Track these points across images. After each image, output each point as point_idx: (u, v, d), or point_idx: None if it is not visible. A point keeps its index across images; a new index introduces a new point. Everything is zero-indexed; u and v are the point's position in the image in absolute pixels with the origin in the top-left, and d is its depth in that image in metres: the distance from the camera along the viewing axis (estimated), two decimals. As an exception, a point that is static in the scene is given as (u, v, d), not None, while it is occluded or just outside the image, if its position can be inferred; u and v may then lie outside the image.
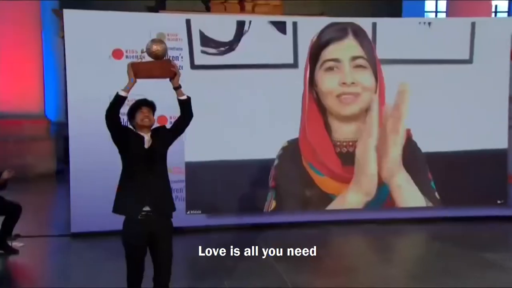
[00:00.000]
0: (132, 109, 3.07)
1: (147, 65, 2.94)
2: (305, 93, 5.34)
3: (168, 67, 2.96)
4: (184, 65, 5.02)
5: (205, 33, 5.04)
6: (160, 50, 2.95)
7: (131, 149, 2.99)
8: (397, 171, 5.50)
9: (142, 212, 2.95)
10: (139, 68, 2.94)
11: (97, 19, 4.96)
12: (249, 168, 5.29)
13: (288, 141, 5.38)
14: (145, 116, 3.02)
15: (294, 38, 5.26)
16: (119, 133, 2.99)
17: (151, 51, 2.94)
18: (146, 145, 2.99)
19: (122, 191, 3.05)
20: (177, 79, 3.02)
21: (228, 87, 5.14)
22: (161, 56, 2.94)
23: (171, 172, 5.01)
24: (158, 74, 2.97)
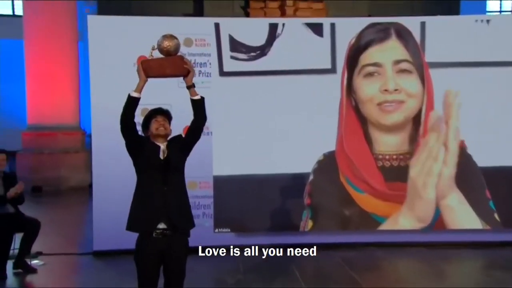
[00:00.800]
0: (147, 118, 2.98)
1: (159, 62, 2.81)
2: (343, 101, 5.08)
3: (180, 64, 2.83)
4: (213, 72, 4.91)
5: (235, 37, 4.90)
6: (172, 46, 2.83)
7: (146, 159, 2.90)
8: (449, 192, 5.07)
9: (157, 230, 2.85)
10: (149, 66, 2.82)
11: (122, 24, 4.94)
12: (282, 183, 5.06)
13: (324, 154, 5.12)
14: (160, 125, 2.92)
15: (332, 41, 5.03)
16: (133, 140, 2.90)
17: (162, 47, 2.83)
18: (162, 155, 2.90)
19: (136, 206, 2.96)
20: (190, 77, 2.89)
21: (259, 95, 4.95)
22: (173, 52, 2.82)
23: (197, 187, 5.04)
24: (170, 71, 2.84)
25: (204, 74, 4.90)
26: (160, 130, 2.93)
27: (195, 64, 4.85)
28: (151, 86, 3.01)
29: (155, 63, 2.82)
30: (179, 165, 2.97)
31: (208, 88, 4.84)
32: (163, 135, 2.95)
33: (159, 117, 2.95)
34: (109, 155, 4.82)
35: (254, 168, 4.99)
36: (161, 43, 2.83)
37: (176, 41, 2.85)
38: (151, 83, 2.86)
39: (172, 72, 2.86)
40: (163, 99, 4.14)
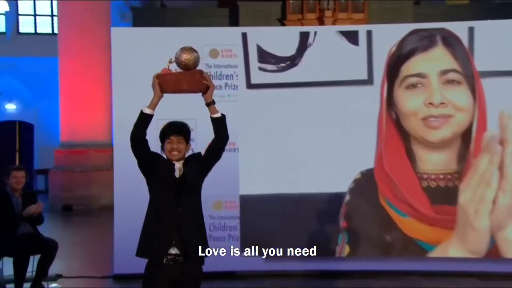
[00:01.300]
0: (161, 135, 2.85)
1: (176, 76, 2.70)
2: (382, 115, 4.78)
3: (199, 79, 2.69)
4: (239, 85, 4.75)
5: (263, 47, 4.73)
6: (191, 60, 2.71)
7: (159, 177, 2.77)
8: (507, 223, 4.59)
9: (168, 256, 2.71)
10: (166, 81, 2.70)
11: (146, 36, 4.89)
12: (316, 204, 4.79)
13: (362, 172, 4.82)
14: (173, 149, 2.78)
15: (368, 50, 4.77)
16: (145, 158, 2.78)
17: (180, 60, 2.71)
18: (177, 174, 2.75)
19: (147, 230, 2.83)
20: (210, 94, 2.74)
21: (289, 109, 4.73)
22: (192, 66, 2.70)
23: (222, 207, 4.85)
24: (187, 87, 2.71)
25: (230, 87, 4.75)
26: (173, 154, 2.80)
27: (221, 76, 4.71)
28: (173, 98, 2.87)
29: (172, 77, 2.71)
30: (195, 185, 2.83)
31: (235, 101, 4.70)
32: (176, 160, 2.80)
33: (174, 137, 2.81)
34: (132, 173, 4.66)
35: (284, 186, 4.75)
36: (179, 56, 2.72)
37: (195, 54, 2.73)
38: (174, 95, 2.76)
39: (190, 88, 2.73)
40: (186, 112, 4.01)
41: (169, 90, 2.72)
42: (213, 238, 4.79)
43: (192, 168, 2.83)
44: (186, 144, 2.83)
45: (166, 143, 2.79)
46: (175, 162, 2.79)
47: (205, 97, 2.75)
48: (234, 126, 4.68)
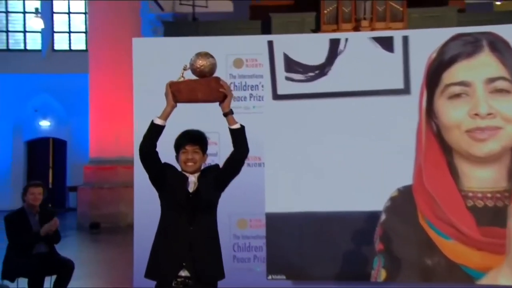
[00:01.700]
0: (176, 145, 2.71)
1: (190, 84, 2.59)
2: (421, 127, 4.49)
3: (216, 87, 2.58)
4: (265, 96, 4.57)
5: (290, 56, 4.55)
6: (206, 66, 2.58)
7: (170, 192, 2.64)
8: None
9: (178, 278, 2.56)
10: (179, 89, 2.59)
11: (168, 46, 4.81)
12: (348, 223, 4.53)
13: (399, 189, 4.52)
14: (189, 159, 2.65)
15: (404, 57, 4.51)
16: (156, 172, 2.66)
17: (195, 67, 2.60)
18: (191, 189, 2.62)
19: (156, 249, 2.69)
20: (227, 103, 2.61)
21: (319, 121, 4.52)
22: (208, 73, 2.59)
23: (247, 226, 4.65)
24: (203, 96, 2.60)
25: (255, 98, 4.58)
26: (188, 165, 2.67)
27: (246, 87, 4.56)
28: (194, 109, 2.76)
29: (186, 85, 2.60)
30: (210, 201, 2.69)
31: (260, 113, 4.54)
32: (191, 171, 2.66)
33: (189, 147, 2.67)
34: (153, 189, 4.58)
35: (314, 204, 4.51)
36: (194, 62, 2.61)
37: (211, 60, 2.60)
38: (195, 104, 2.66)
39: (205, 97, 2.62)
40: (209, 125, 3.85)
41: (183, 99, 2.60)
42: (237, 259, 4.61)
43: (208, 182, 2.68)
44: (202, 154, 2.69)
45: (180, 153, 2.67)
46: (189, 175, 2.65)
47: (222, 106, 2.63)
48: (260, 139, 4.53)
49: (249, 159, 4.56)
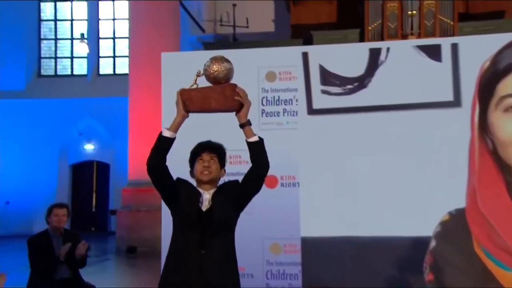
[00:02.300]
0: (192, 155, 2.49)
1: (203, 92, 2.38)
2: (473, 143, 4.08)
3: (231, 95, 2.35)
4: (300, 110, 4.31)
5: (326, 67, 4.28)
6: (221, 71, 2.36)
7: (182, 210, 2.40)
8: None
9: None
10: (191, 97, 2.38)
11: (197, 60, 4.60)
12: (393, 250, 4.14)
13: (450, 213, 4.10)
14: (205, 168, 2.42)
15: (454, 66, 4.14)
16: (167, 188, 2.44)
17: (209, 72, 2.38)
18: (204, 206, 2.38)
19: (165, 275, 2.45)
20: (244, 113, 2.38)
21: (358, 137, 4.20)
22: (223, 79, 2.37)
23: (282, 251, 4.33)
24: (217, 104, 2.37)
25: (289, 113, 4.32)
26: (204, 174, 2.44)
27: (279, 101, 4.32)
28: (226, 124, 2.56)
29: (198, 93, 2.39)
30: (225, 221, 2.42)
31: (294, 129, 4.28)
32: (207, 181, 2.42)
33: (206, 155, 2.45)
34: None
35: (354, 228, 4.16)
36: (208, 67, 2.40)
37: (227, 65, 2.38)
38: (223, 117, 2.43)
39: (219, 106, 2.39)
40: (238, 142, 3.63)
41: (195, 109, 2.39)
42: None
43: (224, 200, 2.43)
44: (219, 166, 2.44)
45: (196, 163, 2.44)
46: (203, 191, 2.40)
47: (239, 116, 2.39)
48: (294, 157, 4.26)
49: (282, 178, 4.34)
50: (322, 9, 11.33)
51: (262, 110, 4.33)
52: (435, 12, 10.02)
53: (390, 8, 10.13)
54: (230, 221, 2.44)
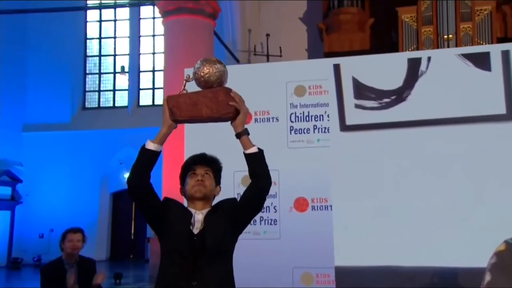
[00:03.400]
0: (183, 169, 2.03)
1: (192, 98, 1.95)
2: (531, 161, 3.45)
3: (225, 99, 1.92)
4: (332, 127, 3.79)
5: (360, 80, 3.77)
6: (213, 74, 1.94)
7: (170, 233, 1.94)
8: None
9: None
10: (179, 104, 1.95)
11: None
12: (439, 283, 3.50)
13: (507, 242, 3.39)
14: (198, 182, 1.97)
15: (505, 76, 3.56)
16: (151, 210, 1.99)
17: (199, 75, 1.95)
18: (196, 229, 1.94)
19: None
20: (240, 121, 1.95)
21: (397, 155, 3.64)
22: (215, 83, 1.94)
23: (314, 282, 3.75)
24: (209, 111, 1.94)
25: (320, 130, 3.81)
26: (195, 190, 1.99)
27: (309, 117, 3.82)
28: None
29: (187, 99, 1.96)
30: (220, 246, 1.94)
31: (326, 147, 3.76)
32: (200, 198, 1.94)
33: (199, 168, 2.01)
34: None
35: (393, 257, 3.55)
36: (198, 70, 1.98)
37: (220, 67, 1.96)
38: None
39: (212, 113, 1.95)
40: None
41: (184, 117, 1.96)
42: (302, 324, 3.71)
43: (218, 221, 1.96)
44: (214, 181, 1.97)
45: (188, 178, 1.97)
46: (195, 211, 1.92)
47: (234, 125, 1.93)
48: (326, 177, 3.71)
49: (314, 201, 3.80)
50: (355, 37, 10.89)
51: (291, 127, 3.84)
52: (472, 35, 9.41)
53: (425, 33, 9.61)
54: (225, 246, 1.95)
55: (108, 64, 16.09)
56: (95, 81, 16.15)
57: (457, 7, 10.38)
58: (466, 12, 10.45)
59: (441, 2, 10.30)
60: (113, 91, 15.92)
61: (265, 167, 1.96)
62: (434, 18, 10.26)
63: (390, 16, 10.70)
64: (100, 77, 16.07)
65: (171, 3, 9.34)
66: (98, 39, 16.10)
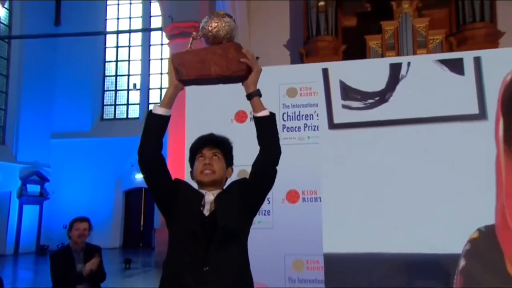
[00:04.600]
0: (191, 152, 1.55)
1: (200, 55, 1.45)
2: (499, 157, 3.06)
3: (236, 55, 1.43)
4: (321, 125, 3.36)
5: (347, 83, 3.36)
6: (223, 28, 1.46)
7: (180, 215, 1.46)
8: None
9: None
10: (184, 62, 1.45)
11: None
12: (421, 268, 3.08)
13: (479, 230, 3.03)
14: (206, 166, 1.51)
15: (477, 79, 3.18)
16: (162, 186, 1.49)
17: (207, 30, 1.46)
18: (207, 210, 1.48)
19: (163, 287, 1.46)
20: (253, 79, 1.47)
21: (380, 151, 3.22)
22: (225, 38, 1.45)
23: (304, 268, 3.30)
24: (218, 69, 1.45)
25: (310, 128, 3.39)
26: (204, 174, 1.52)
27: (300, 116, 3.39)
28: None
29: (194, 57, 1.47)
30: (233, 228, 1.48)
31: (316, 143, 3.32)
32: (209, 183, 1.45)
33: (207, 150, 1.55)
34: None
35: (378, 245, 3.12)
36: (206, 25, 1.47)
37: (228, 20, 1.47)
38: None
39: (221, 71, 1.46)
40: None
41: (191, 76, 1.46)
42: (293, 307, 3.25)
43: (229, 202, 1.50)
44: (225, 163, 1.50)
45: (196, 161, 1.50)
46: (206, 192, 1.46)
47: (246, 84, 1.46)
48: (316, 171, 3.27)
49: (304, 193, 3.34)
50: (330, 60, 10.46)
51: (283, 125, 3.42)
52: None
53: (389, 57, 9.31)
54: (239, 228, 1.49)
55: (123, 82, 15.71)
56: (111, 96, 15.75)
57: (414, 36, 10.16)
58: (422, 41, 10.23)
59: (402, 32, 10.07)
60: (126, 105, 15.55)
61: (276, 134, 1.52)
62: (396, 44, 10.02)
63: (360, 43, 10.44)
64: (116, 93, 15.68)
65: (176, 29, 8.98)
66: (115, 62, 15.75)
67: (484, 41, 9.90)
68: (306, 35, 11.24)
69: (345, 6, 11.30)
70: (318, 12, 10.78)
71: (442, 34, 10.44)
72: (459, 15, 10.53)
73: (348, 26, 11.29)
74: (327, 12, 10.71)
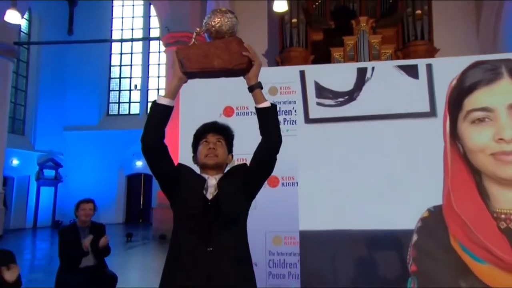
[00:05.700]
0: (195, 137, 1.33)
1: (203, 48, 1.27)
2: (446, 149, 2.97)
3: (238, 49, 1.27)
4: (298, 120, 3.19)
5: (320, 83, 3.19)
6: (225, 23, 1.28)
7: (184, 199, 1.26)
8: None
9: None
10: (189, 55, 1.27)
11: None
12: (381, 242, 2.97)
13: (429, 210, 2.94)
14: (210, 150, 1.33)
15: (429, 82, 3.07)
16: (165, 172, 1.28)
17: (210, 25, 1.27)
18: (210, 194, 1.30)
19: (164, 277, 1.25)
20: (254, 72, 1.31)
21: (348, 142, 3.08)
22: (227, 33, 1.29)
23: (282, 243, 3.13)
24: (221, 62, 1.27)
25: (289, 122, 3.20)
26: (209, 157, 1.35)
27: (280, 112, 3.20)
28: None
29: (198, 50, 1.29)
30: (235, 211, 1.32)
31: (294, 136, 3.14)
32: (212, 166, 1.24)
33: (211, 136, 1.39)
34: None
35: (346, 222, 2.99)
36: (209, 20, 1.28)
37: (230, 16, 1.28)
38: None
39: (224, 64, 1.29)
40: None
41: (194, 69, 1.28)
42: (272, 275, 3.09)
43: (231, 186, 1.34)
44: (227, 149, 1.30)
45: (200, 146, 1.29)
46: (209, 177, 1.25)
47: (248, 77, 1.26)
48: (293, 160, 3.09)
49: (283, 179, 3.16)
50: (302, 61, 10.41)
51: (265, 120, 3.22)
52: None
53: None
54: (240, 210, 1.30)
55: (126, 83, 15.20)
56: (116, 95, 15.25)
57: (370, 49, 10.14)
58: (376, 53, 10.22)
59: (360, 45, 10.03)
60: (128, 103, 15.09)
61: (277, 124, 1.34)
62: (355, 55, 9.97)
63: (326, 54, 10.33)
64: (119, 93, 15.18)
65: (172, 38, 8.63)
66: (119, 66, 15.21)
67: (423, 56, 10.02)
68: (281, 46, 11.06)
69: (314, 23, 11.17)
70: (291, 28, 10.63)
71: (391, 49, 10.47)
72: (404, 34, 10.62)
73: (316, 39, 11.18)
74: (299, 28, 10.57)
